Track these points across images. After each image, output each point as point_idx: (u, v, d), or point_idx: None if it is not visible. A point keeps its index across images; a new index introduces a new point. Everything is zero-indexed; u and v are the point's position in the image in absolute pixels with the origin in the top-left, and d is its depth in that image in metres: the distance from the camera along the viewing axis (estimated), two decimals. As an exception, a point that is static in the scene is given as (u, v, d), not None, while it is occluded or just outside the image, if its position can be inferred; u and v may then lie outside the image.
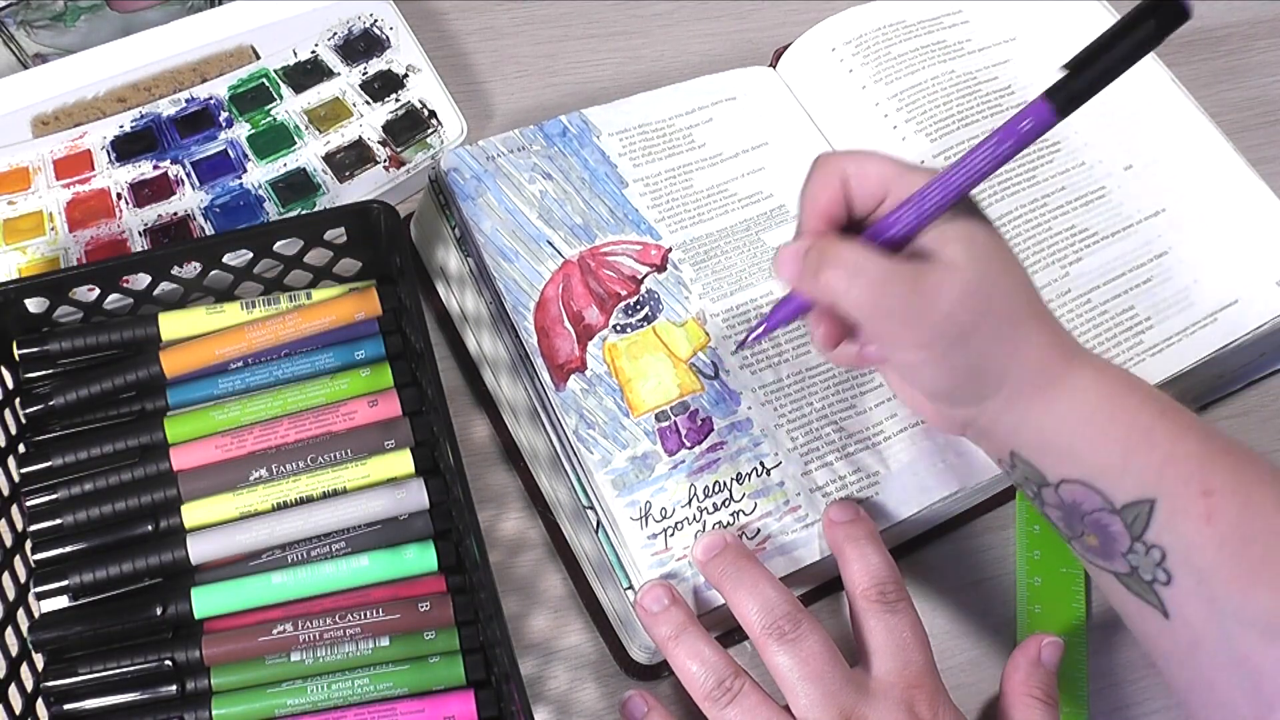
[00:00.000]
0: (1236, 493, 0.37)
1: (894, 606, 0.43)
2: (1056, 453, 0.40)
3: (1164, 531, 0.38)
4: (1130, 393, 0.40)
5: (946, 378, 0.40)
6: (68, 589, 0.44)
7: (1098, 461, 0.39)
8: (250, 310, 0.49)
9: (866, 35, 0.58)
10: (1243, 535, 0.37)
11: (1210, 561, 0.37)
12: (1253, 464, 0.38)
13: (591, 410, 0.47)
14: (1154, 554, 0.38)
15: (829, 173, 0.41)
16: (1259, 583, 0.36)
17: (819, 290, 0.39)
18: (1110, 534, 0.39)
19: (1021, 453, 0.41)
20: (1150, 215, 0.54)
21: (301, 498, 0.46)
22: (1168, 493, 0.38)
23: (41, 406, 0.47)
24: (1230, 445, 0.39)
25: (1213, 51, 0.69)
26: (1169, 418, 0.39)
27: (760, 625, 0.42)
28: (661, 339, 0.49)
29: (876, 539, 0.45)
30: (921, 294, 0.38)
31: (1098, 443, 0.39)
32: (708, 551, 0.44)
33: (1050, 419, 0.40)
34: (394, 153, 0.58)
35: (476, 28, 0.65)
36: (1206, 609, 0.37)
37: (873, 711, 0.41)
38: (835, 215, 0.41)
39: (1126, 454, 0.38)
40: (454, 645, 0.44)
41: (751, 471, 0.47)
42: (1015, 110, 0.55)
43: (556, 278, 0.49)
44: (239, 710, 0.43)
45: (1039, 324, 0.40)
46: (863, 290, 0.38)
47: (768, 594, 0.42)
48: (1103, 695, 0.50)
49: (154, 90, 0.58)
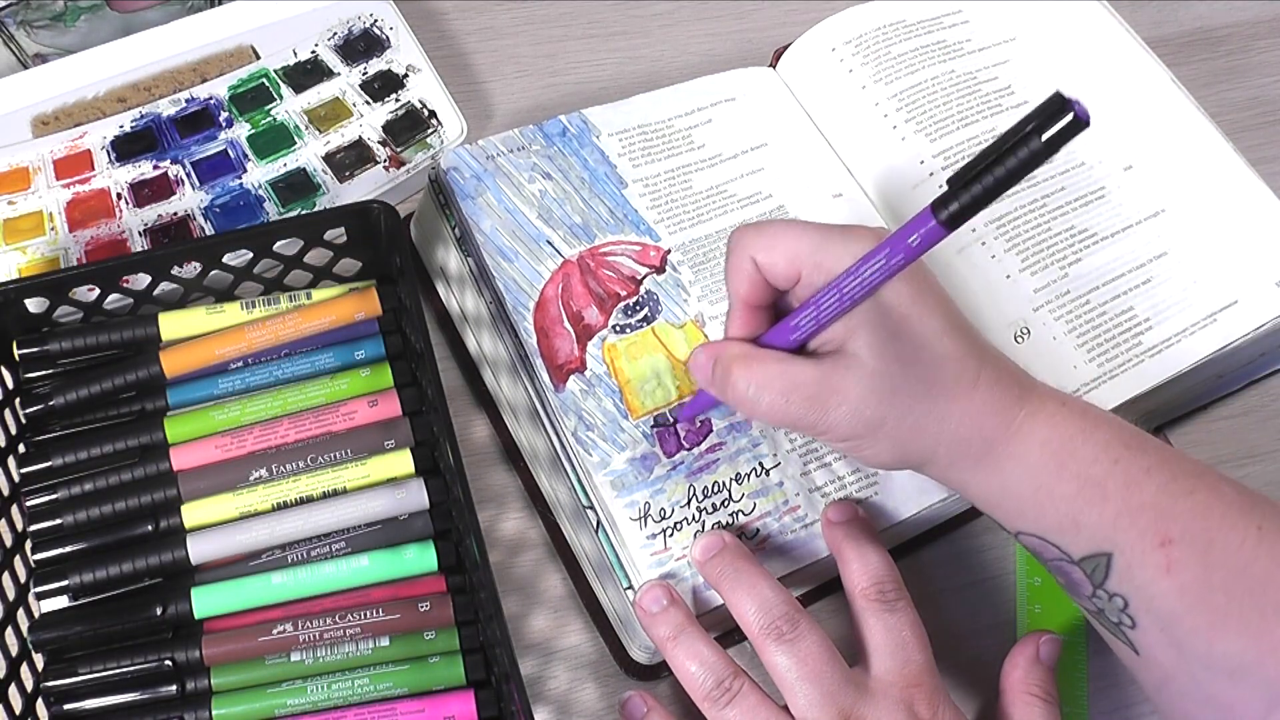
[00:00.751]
0: (1197, 539, 0.37)
1: (893, 606, 0.43)
2: (1007, 511, 0.40)
3: (1123, 581, 0.38)
4: (1085, 441, 0.39)
5: (876, 459, 0.41)
6: (68, 589, 0.44)
7: (1045, 520, 0.39)
8: (250, 310, 0.49)
9: (866, 35, 0.58)
10: (1204, 584, 0.36)
11: (1172, 609, 0.37)
12: (1216, 502, 0.38)
13: (590, 412, 0.47)
14: (1116, 601, 0.38)
15: (739, 259, 0.41)
16: (1223, 629, 0.36)
17: (729, 401, 0.41)
18: (1073, 580, 0.39)
19: (975, 504, 0.42)
20: (1150, 216, 0.54)
21: (301, 498, 0.46)
22: (1123, 546, 0.38)
23: (41, 406, 0.47)
24: (1194, 485, 0.38)
25: (1213, 51, 0.69)
26: (1125, 464, 0.38)
27: (758, 626, 0.42)
28: (661, 340, 0.49)
29: (875, 538, 0.45)
30: (824, 399, 0.39)
31: (1046, 504, 0.39)
32: (706, 552, 0.44)
33: (994, 483, 0.40)
34: (394, 153, 0.58)
35: (476, 28, 0.65)
36: (1173, 652, 0.38)
37: (871, 711, 0.41)
38: (757, 299, 0.41)
39: (1078, 511, 0.38)
40: (454, 645, 0.44)
41: (750, 472, 0.47)
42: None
43: (556, 277, 0.49)
44: (239, 710, 0.43)
45: (969, 393, 0.39)
46: (769, 404, 0.40)
47: (766, 594, 0.42)
48: (1103, 695, 0.50)
49: (154, 90, 0.58)
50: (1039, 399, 0.40)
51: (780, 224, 0.41)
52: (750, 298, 0.42)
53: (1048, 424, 0.39)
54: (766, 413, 0.40)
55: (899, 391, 0.39)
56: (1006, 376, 0.40)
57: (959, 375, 0.39)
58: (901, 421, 0.39)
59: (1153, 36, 0.64)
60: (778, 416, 0.40)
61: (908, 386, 0.39)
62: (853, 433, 0.39)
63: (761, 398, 0.40)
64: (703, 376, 0.42)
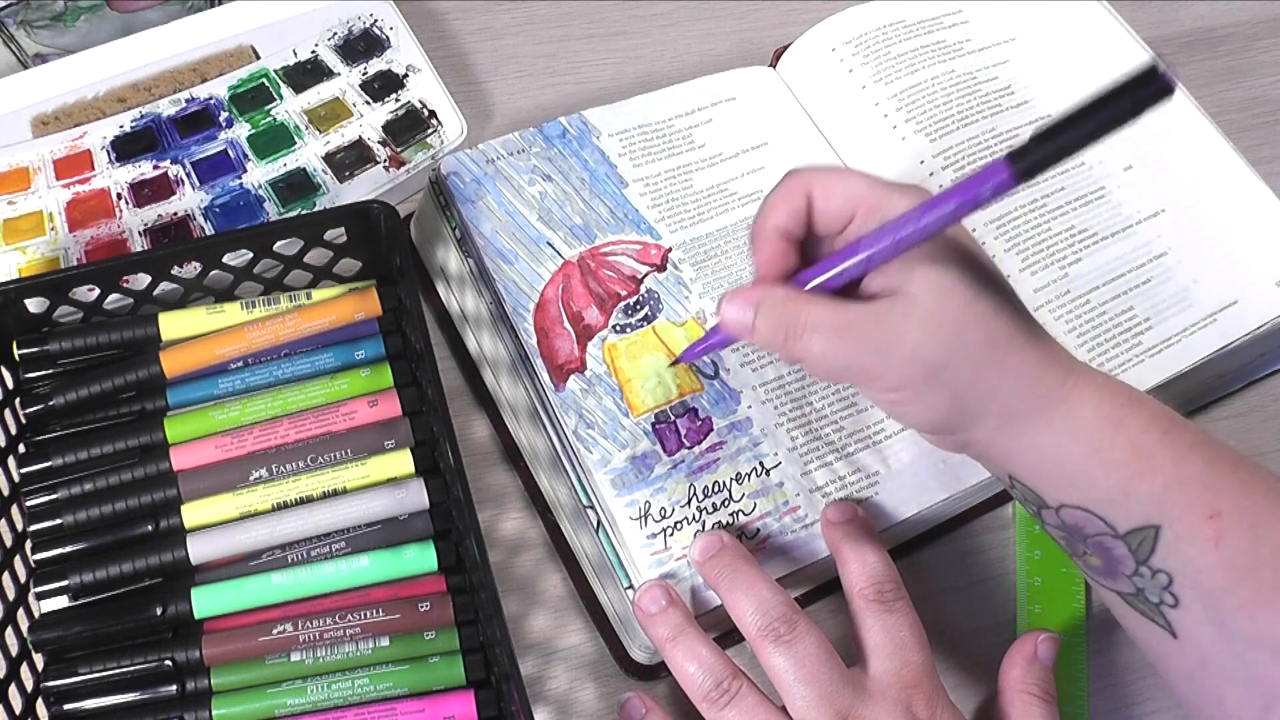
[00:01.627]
0: (1244, 514, 0.36)
1: (891, 606, 0.43)
2: (1054, 479, 0.39)
3: (1170, 556, 0.37)
4: (1133, 413, 0.38)
5: (926, 414, 0.39)
6: (67, 589, 0.44)
7: (1098, 488, 0.38)
8: (250, 310, 0.49)
9: (866, 35, 0.58)
10: (1251, 558, 0.36)
11: (1219, 585, 0.36)
12: (1260, 480, 0.37)
13: (591, 410, 0.47)
14: (1160, 578, 0.37)
15: (794, 188, 0.40)
16: (1269, 605, 0.36)
17: (777, 347, 0.39)
18: (1114, 557, 0.38)
19: (1019, 476, 0.40)
20: (1150, 215, 0.54)
21: (301, 498, 0.46)
22: (1172, 518, 0.37)
23: (41, 406, 0.47)
24: (1237, 462, 0.38)
25: (1213, 51, 0.69)
26: (1172, 437, 0.38)
27: (756, 627, 0.42)
28: (661, 339, 0.49)
29: (875, 539, 0.45)
30: (882, 340, 0.37)
31: (1097, 470, 0.38)
32: (704, 552, 0.44)
33: (1046, 445, 0.38)
34: (394, 153, 0.58)
35: (476, 28, 0.65)
36: (1215, 630, 0.37)
37: (869, 712, 0.41)
38: (792, 231, 0.40)
39: (1128, 481, 0.37)
40: (454, 645, 0.44)
41: (751, 471, 0.47)
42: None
43: (556, 278, 0.49)
44: (239, 710, 0.43)
45: (1025, 347, 0.38)
46: (823, 348, 0.38)
47: (764, 595, 0.42)
48: (1103, 695, 0.50)
49: (154, 90, 0.58)
50: (1085, 370, 0.39)
51: (842, 169, 0.40)
52: (790, 229, 0.40)
53: (1101, 389, 0.38)
54: (820, 355, 0.38)
55: (962, 334, 0.37)
56: (1054, 342, 0.39)
57: (1017, 327, 0.38)
58: (961, 367, 0.37)
59: (1153, 36, 0.64)
60: (831, 360, 0.38)
61: (971, 330, 0.37)
62: (909, 378, 0.38)
63: (814, 341, 0.38)
64: (739, 324, 0.40)
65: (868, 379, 0.38)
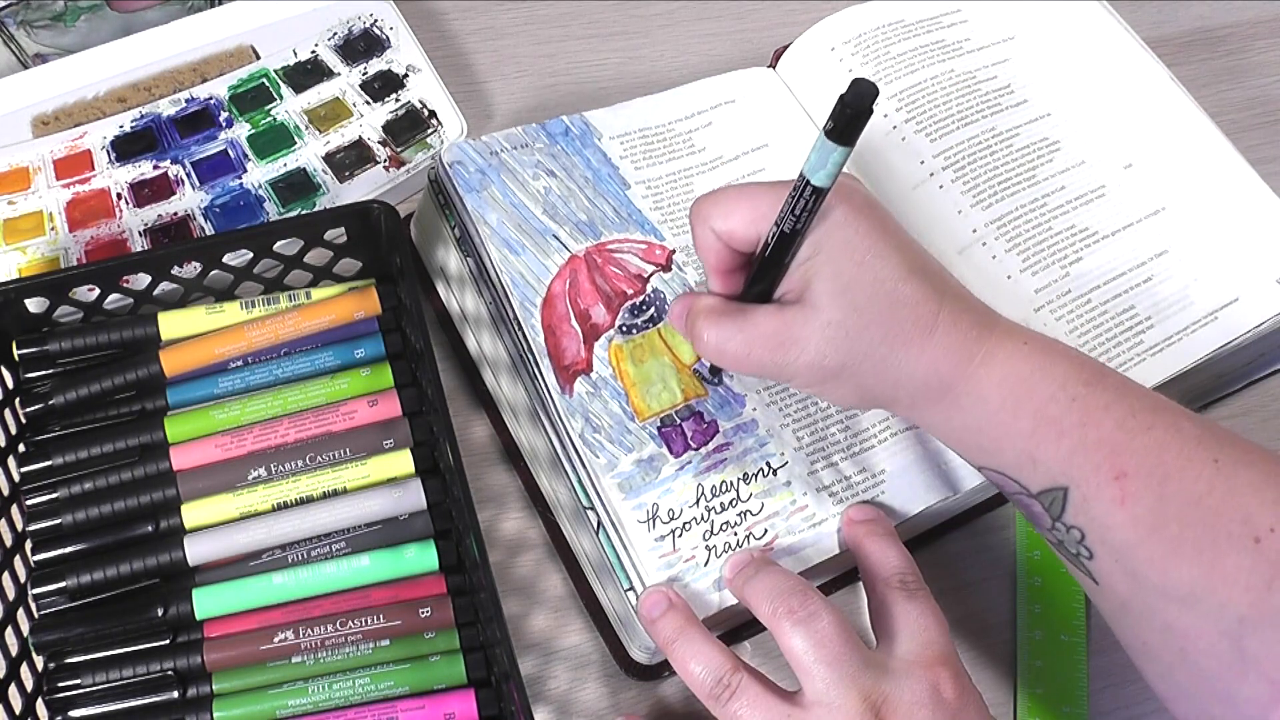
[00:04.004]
0: (1152, 474, 0.38)
1: (914, 594, 0.43)
2: (968, 446, 0.41)
3: (1079, 514, 0.39)
4: (1042, 379, 0.39)
5: (841, 401, 0.42)
6: (67, 589, 0.44)
7: (1006, 456, 0.40)
8: (250, 310, 0.49)
9: (866, 35, 0.58)
10: (1157, 515, 0.37)
11: (1126, 540, 0.38)
12: (1174, 438, 0.38)
13: (597, 414, 0.47)
14: (1074, 533, 0.39)
15: (701, 231, 0.42)
16: (1176, 558, 0.37)
17: (700, 352, 0.43)
18: (1033, 513, 0.41)
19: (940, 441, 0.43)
20: (1150, 214, 0.54)
21: (301, 498, 0.46)
22: (1078, 480, 0.39)
23: (41, 406, 0.47)
24: (1153, 421, 0.39)
25: (1213, 51, 0.69)
26: (1081, 402, 0.39)
27: (770, 608, 0.41)
28: (666, 342, 0.49)
29: (894, 536, 0.45)
30: (786, 348, 0.40)
31: (1004, 441, 0.40)
32: (735, 568, 0.44)
33: (954, 421, 0.41)
34: (394, 153, 0.58)
35: (476, 28, 0.65)
36: (1129, 581, 0.38)
37: (894, 689, 0.40)
38: (728, 264, 0.42)
39: (1034, 449, 0.39)
40: (454, 644, 0.44)
41: (758, 472, 0.47)
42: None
43: (564, 273, 0.49)
44: (240, 713, 0.43)
45: (928, 335, 0.40)
46: (734, 354, 0.41)
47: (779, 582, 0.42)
48: (1103, 695, 0.50)
49: (154, 90, 0.58)
50: (999, 337, 0.40)
51: (734, 189, 0.42)
52: (720, 265, 0.42)
53: (1006, 363, 0.40)
54: (733, 362, 0.42)
55: (857, 338, 0.39)
56: (967, 316, 0.40)
57: (917, 319, 0.40)
58: (860, 367, 0.40)
59: (1153, 36, 0.64)
60: (744, 365, 0.41)
61: (865, 333, 0.39)
62: (815, 380, 0.41)
63: (726, 348, 0.41)
64: (680, 329, 0.44)
65: (781, 379, 0.42)
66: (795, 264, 0.40)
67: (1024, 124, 0.56)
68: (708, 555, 0.45)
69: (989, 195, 0.54)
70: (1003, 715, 0.49)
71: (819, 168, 0.37)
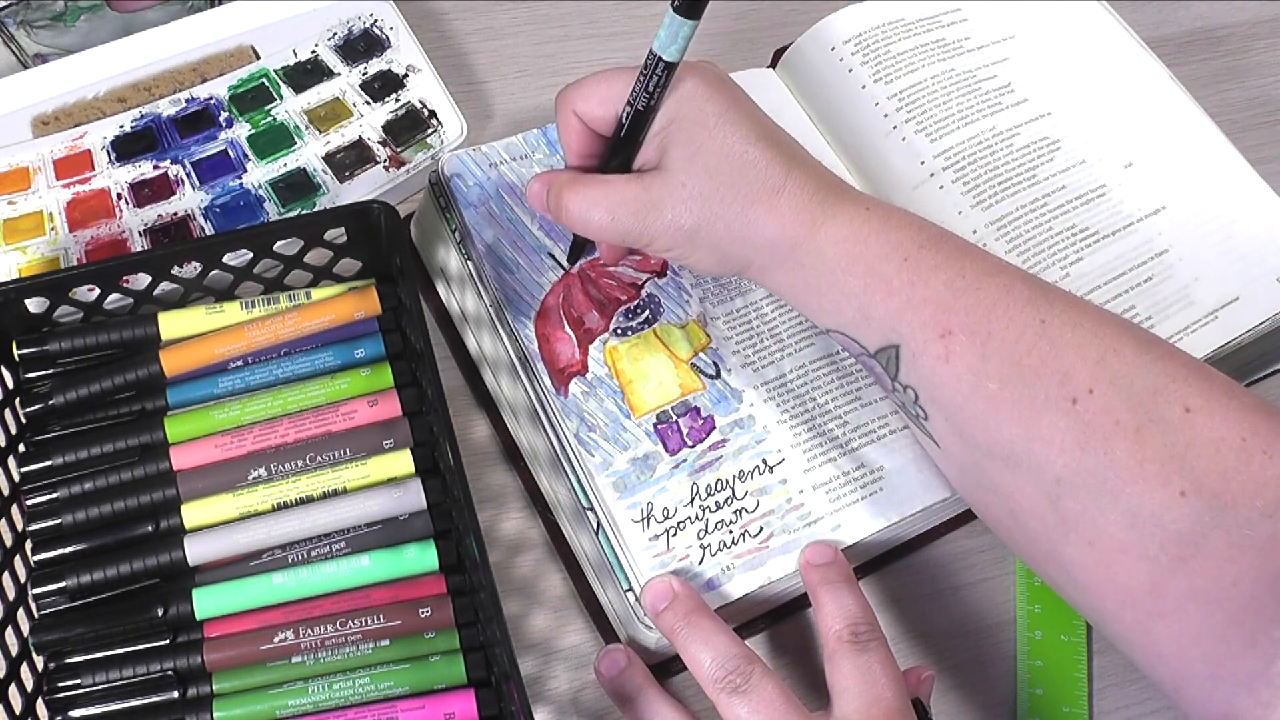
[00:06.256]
0: (976, 332, 0.39)
1: (865, 646, 0.42)
2: (813, 307, 0.43)
3: (910, 372, 0.40)
4: (878, 240, 0.41)
5: (700, 265, 0.44)
6: (67, 589, 0.44)
7: (844, 314, 0.42)
8: (250, 310, 0.49)
9: (866, 34, 0.58)
10: (979, 373, 0.38)
11: (951, 398, 0.39)
12: (1003, 298, 0.39)
13: (592, 413, 0.47)
14: (910, 393, 0.41)
15: (564, 115, 0.44)
16: (997, 417, 0.38)
17: (564, 222, 0.45)
18: (876, 374, 0.42)
19: (792, 305, 0.45)
20: (1151, 213, 0.54)
21: (301, 498, 0.46)
22: (907, 337, 0.40)
23: (41, 406, 0.47)
24: (983, 282, 0.40)
25: (1212, 51, 0.69)
26: (913, 262, 0.40)
27: (712, 678, 0.41)
28: (662, 340, 0.49)
29: (852, 581, 0.44)
30: (644, 213, 0.42)
31: (840, 298, 0.41)
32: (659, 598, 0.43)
33: (798, 281, 0.43)
34: (394, 153, 0.58)
35: (476, 28, 0.65)
36: (959, 441, 0.40)
37: None
38: (588, 150, 0.45)
39: (865, 305, 0.41)
40: (454, 644, 0.44)
41: (754, 469, 0.47)
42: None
43: (557, 288, 0.49)
44: (240, 713, 0.43)
45: (775, 195, 0.41)
46: (599, 221, 0.43)
47: (720, 645, 0.41)
48: (1103, 695, 0.50)
49: (154, 90, 0.58)
50: (844, 202, 0.42)
51: (594, 74, 0.44)
52: (581, 149, 0.45)
53: (847, 224, 0.41)
54: (597, 229, 0.43)
55: (709, 200, 0.42)
56: (815, 180, 0.42)
57: (765, 180, 0.42)
58: (713, 228, 0.42)
59: (1153, 36, 0.64)
60: (607, 232, 0.43)
61: (717, 194, 0.41)
62: (674, 242, 0.43)
63: (591, 215, 0.43)
64: (539, 204, 0.45)
65: (643, 244, 0.43)
66: (651, 134, 0.43)
67: (1024, 123, 0.56)
68: (702, 554, 0.45)
69: (989, 196, 0.54)
70: (1003, 715, 0.49)
71: (669, 44, 0.39)
